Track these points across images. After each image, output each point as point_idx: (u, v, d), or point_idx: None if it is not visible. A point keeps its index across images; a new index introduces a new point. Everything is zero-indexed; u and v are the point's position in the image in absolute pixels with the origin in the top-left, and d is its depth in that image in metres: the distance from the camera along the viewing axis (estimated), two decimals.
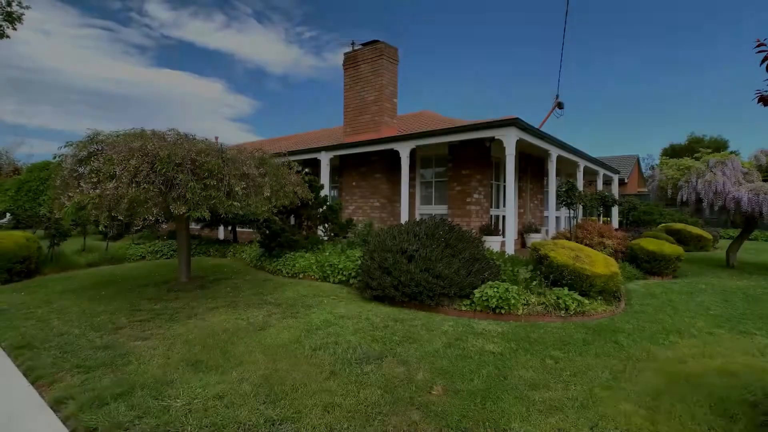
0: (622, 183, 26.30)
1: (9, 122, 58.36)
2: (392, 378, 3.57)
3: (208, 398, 3.23)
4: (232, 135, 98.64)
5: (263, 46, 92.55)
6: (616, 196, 15.82)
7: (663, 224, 15.15)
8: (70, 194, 5.25)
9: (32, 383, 3.63)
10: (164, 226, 13.69)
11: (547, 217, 13.30)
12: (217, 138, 26.44)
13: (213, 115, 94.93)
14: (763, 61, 2.00)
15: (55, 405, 3.22)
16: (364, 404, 3.12)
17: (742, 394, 3.22)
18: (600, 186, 15.35)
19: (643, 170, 36.11)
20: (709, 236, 14.36)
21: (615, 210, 16.01)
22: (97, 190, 5.13)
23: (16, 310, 5.84)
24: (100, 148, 5.86)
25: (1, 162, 42.75)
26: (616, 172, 16.51)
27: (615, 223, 16.37)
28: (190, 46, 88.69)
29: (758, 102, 2.19)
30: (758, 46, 2.00)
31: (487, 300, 5.47)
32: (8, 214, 20.28)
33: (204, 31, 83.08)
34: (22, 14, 9.08)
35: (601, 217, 15.49)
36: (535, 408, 3.07)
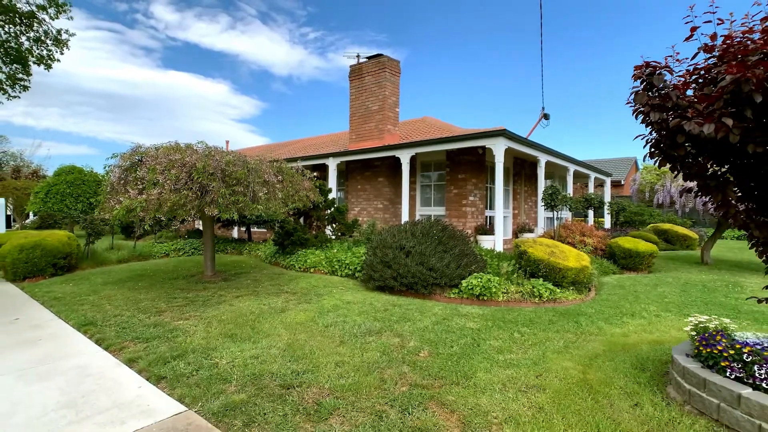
0: (618, 185, 27.09)
1: (18, 124, 59.74)
2: (389, 345, 4.52)
3: (246, 358, 4.18)
4: (237, 136, 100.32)
5: (268, 47, 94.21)
6: (608, 198, 16.66)
7: (651, 224, 15.98)
8: (120, 199, 6.24)
9: (105, 349, 4.61)
10: (183, 225, 14.72)
11: (541, 217, 14.16)
12: (227, 142, 27.56)
13: (218, 116, 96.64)
14: (634, 113, 2.92)
15: (128, 363, 4.19)
16: (366, 362, 4.07)
17: (660, 355, 4.15)
18: (591, 188, 16.21)
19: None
20: (695, 236, 15.18)
21: (605, 211, 16.85)
22: (143, 195, 6.12)
23: (70, 298, 6.84)
24: (141, 159, 6.86)
25: (18, 164, 44.14)
26: (608, 175, 17.35)
27: (607, 224, 17.21)
28: (196, 47, 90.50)
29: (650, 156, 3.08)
30: (627, 103, 2.92)
31: (472, 289, 6.41)
32: (32, 214, 21.46)
33: (209, 33, 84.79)
34: (68, 40, 10.18)
35: (592, 218, 16.32)
36: (497, 364, 4.01)
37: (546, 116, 15.80)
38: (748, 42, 2.61)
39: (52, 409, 3.22)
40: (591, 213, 15.98)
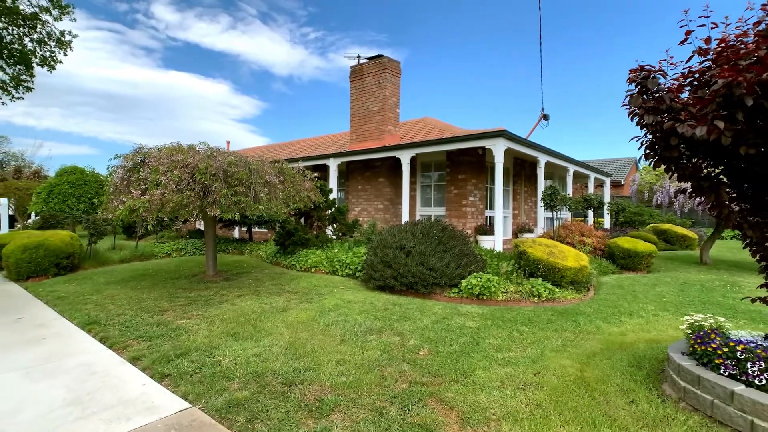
0: (618, 185, 27.12)
1: (19, 124, 59.79)
2: (389, 344, 4.58)
3: (249, 356, 4.24)
4: (238, 136, 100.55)
5: (268, 47, 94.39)
6: (607, 199, 16.71)
7: (651, 225, 16.03)
8: (123, 199, 6.30)
9: (109, 347, 4.67)
10: (185, 226, 14.79)
11: (540, 217, 14.25)
12: (228, 143, 27.64)
13: (218, 117, 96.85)
14: (629, 115, 2.98)
15: (132, 361, 4.25)
16: (367, 360, 4.12)
17: (657, 354, 4.20)
18: (591, 188, 16.25)
19: None
20: (695, 236, 15.22)
21: (604, 211, 16.91)
22: (146, 196, 6.18)
23: (74, 298, 6.90)
24: (143, 160, 6.92)
25: (19, 165, 44.22)
26: (608, 175, 17.41)
27: (607, 224, 17.26)
28: (196, 47, 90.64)
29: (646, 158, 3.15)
30: (623, 105, 2.98)
31: (471, 288, 6.46)
32: (33, 215, 21.54)
33: (209, 33, 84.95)
34: (71, 41, 10.23)
35: (592, 219, 16.37)
36: (495, 362, 4.07)
37: (545, 117, 15.90)
38: (741, 46, 2.67)
39: (59, 405, 3.28)
40: (591, 213, 16.03)
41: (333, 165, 13.83)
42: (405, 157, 11.80)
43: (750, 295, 3.99)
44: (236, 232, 16.34)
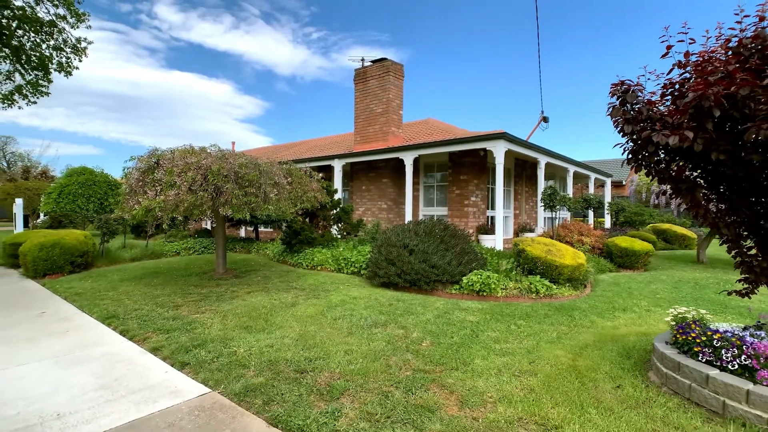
0: (619, 185, 27.28)
1: (24, 124, 60.52)
2: (394, 336, 4.86)
3: (262, 347, 4.53)
4: (241, 136, 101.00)
5: (271, 47, 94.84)
6: (608, 199, 16.93)
7: (651, 224, 16.24)
8: (139, 199, 6.61)
9: (129, 339, 4.97)
10: (194, 225, 15.11)
11: (541, 217, 14.51)
12: (233, 143, 27.96)
13: (222, 117, 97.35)
14: (613, 123, 3.24)
15: (153, 351, 4.54)
16: (373, 350, 4.40)
17: (645, 345, 4.46)
18: (592, 189, 16.48)
19: None
20: (693, 235, 15.43)
21: (605, 211, 17.14)
22: (161, 196, 6.48)
23: (90, 294, 7.21)
24: (157, 162, 7.22)
25: (26, 165, 44.76)
26: (608, 175, 17.64)
27: (607, 224, 17.49)
28: (199, 47, 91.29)
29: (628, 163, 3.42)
30: (607, 114, 3.25)
31: (472, 285, 6.73)
32: (42, 214, 21.94)
33: (212, 33, 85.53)
34: (86, 48, 10.57)
35: (592, 218, 16.60)
36: (493, 352, 4.34)
37: (545, 119, 16.21)
38: (715, 60, 2.94)
39: (90, 389, 3.57)
40: (591, 213, 16.27)
41: (338, 166, 14.13)
42: (408, 159, 12.08)
43: (727, 289, 4.24)
44: (243, 232, 16.67)
